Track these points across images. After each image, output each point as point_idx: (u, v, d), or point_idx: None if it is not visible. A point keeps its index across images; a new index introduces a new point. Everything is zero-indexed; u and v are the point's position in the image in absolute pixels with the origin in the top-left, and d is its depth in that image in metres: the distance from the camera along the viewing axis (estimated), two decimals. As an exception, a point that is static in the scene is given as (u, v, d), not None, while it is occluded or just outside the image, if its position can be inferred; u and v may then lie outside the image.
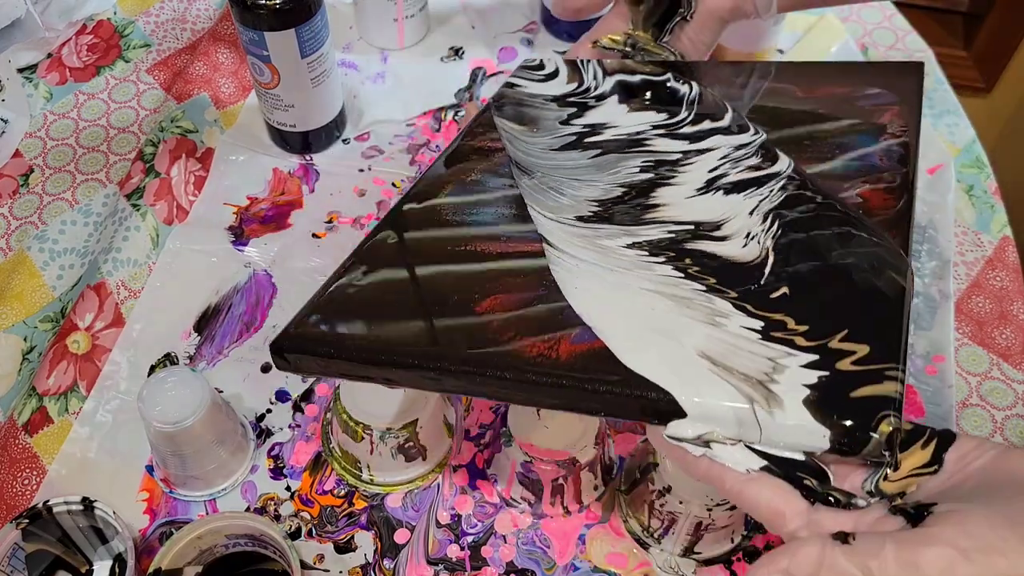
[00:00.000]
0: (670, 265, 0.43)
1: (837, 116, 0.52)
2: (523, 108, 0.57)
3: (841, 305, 0.40)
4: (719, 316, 0.39)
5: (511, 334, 0.39)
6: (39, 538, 0.47)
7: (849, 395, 0.35)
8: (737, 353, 0.37)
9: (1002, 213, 0.65)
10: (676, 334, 0.38)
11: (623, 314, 0.40)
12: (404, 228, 0.48)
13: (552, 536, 0.50)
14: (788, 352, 0.37)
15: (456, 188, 0.50)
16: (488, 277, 0.43)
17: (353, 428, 0.48)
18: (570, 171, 0.50)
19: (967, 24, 1.23)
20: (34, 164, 0.67)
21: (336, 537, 0.50)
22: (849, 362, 0.36)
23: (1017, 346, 0.58)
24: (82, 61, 0.73)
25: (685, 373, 0.36)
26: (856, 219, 0.44)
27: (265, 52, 0.59)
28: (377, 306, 0.42)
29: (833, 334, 0.38)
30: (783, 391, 0.35)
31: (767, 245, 0.44)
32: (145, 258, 0.60)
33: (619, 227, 0.45)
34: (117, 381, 0.55)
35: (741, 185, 0.48)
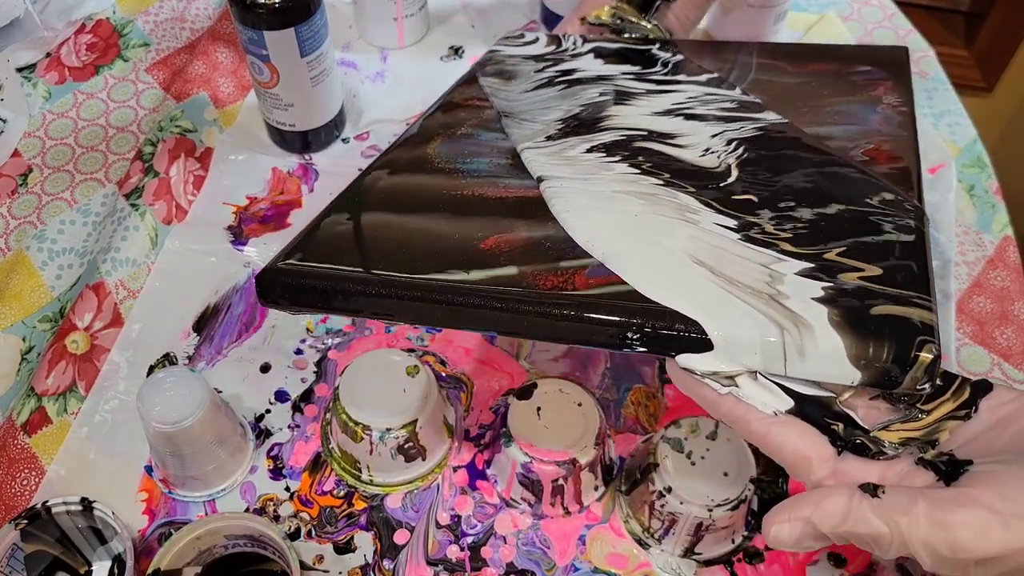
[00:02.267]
0: (626, 163, 0.44)
1: (832, 88, 0.50)
2: (503, 66, 0.58)
3: (831, 227, 0.38)
4: (689, 212, 0.39)
5: (519, 268, 0.36)
6: (38, 539, 0.47)
7: (870, 312, 0.32)
8: (726, 257, 0.36)
9: (1003, 213, 0.65)
10: (660, 238, 0.37)
11: (615, 228, 0.39)
12: (396, 171, 0.46)
13: (552, 537, 0.50)
14: (777, 257, 0.35)
15: (445, 141, 0.49)
16: (489, 215, 0.41)
17: (352, 428, 0.48)
18: (542, 103, 0.53)
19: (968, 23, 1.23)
20: (33, 164, 0.66)
21: (335, 538, 0.50)
22: (857, 277, 0.34)
23: (1018, 346, 0.58)
24: (81, 60, 0.73)
25: (699, 294, 0.34)
26: (860, 169, 0.41)
27: (264, 51, 0.59)
28: (372, 241, 0.40)
29: (826, 244, 0.36)
30: (801, 308, 0.33)
31: (728, 162, 0.42)
32: (144, 258, 0.60)
33: (578, 137, 0.48)
34: (116, 381, 0.55)
35: (706, 117, 0.47)
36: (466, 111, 0.52)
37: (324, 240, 0.40)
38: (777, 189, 0.40)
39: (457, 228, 0.40)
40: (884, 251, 0.36)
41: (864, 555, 0.49)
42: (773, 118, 0.47)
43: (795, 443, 0.31)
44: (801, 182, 0.40)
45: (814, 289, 0.34)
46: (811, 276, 0.34)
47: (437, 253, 0.37)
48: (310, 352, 0.57)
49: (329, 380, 0.56)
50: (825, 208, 0.39)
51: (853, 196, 0.39)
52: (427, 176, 0.45)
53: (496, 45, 0.62)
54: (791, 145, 0.44)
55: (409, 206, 0.43)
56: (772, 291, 0.34)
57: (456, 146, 0.48)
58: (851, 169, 0.41)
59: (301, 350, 0.57)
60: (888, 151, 0.43)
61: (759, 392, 0.33)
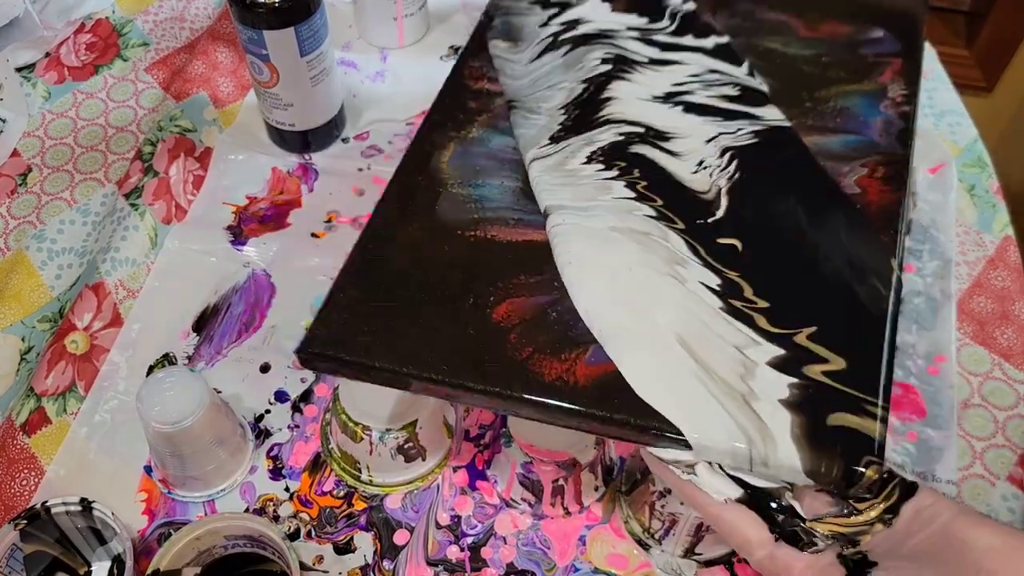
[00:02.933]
0: (622, 181, 0.46)
1: (841, 67, 0.51)
2: (511, 18, 0.58)
3: (808, 291, 0.41)
4: (678, 265, 0.42)
5: (529, 350, 0.39)
6: (37, 539, 0.47)
7: (826, 421, 0.36)
8: (709, 339, 0.39)
9: (1004, 212, 0.64)
10: (651, 311, 0.40)
11: (610, 293, 0.41)
12: (409, 202, 0.46)
13: (552, 537, 0.50)
14: (752, 339, 0.39)
15: (458, 149, 0.49)
16: (499, 271, 0.42)
17: (352, 428, 0.48)
18: (545, 77, 0.53)
19: (969, 23, 1.23)
20: (32, 163, 0.66)
21: (335, 538, 0.50)
22: (820, 371, 0.38)
23: (1019, 346, 0.58)
24: (80, 60, 0.73)
25: (682, 393, 0.38)
26: (846, 202, 0.44)
27: (264, 51, 0.59)
28: (390, 313, 0.41)
29: (799, 326, 0.39)
30: (769, 415, 0.37)
31: (719, 184, 0.45)
32: (144, 258, 0.60)
33: (579, 136, 0.49)
34: (115, 381, 0.55)
35: (705, 109, 0.48)
36: (476, 100, 0.52)
37: (348, 325, 0.41)
38: (763, 230, 0.43)
39: (471, 288, 0.42)
40: (850, 337, 0.39)
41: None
42: (774, 118, 0.48)
43: (742, 528, 0.37)
44: (788, 223, 0.43)
45: (782, 388, 0.38)
46: (781, 367, 0.38)
47: (455, 353, 0.40)
48: (310, 352, 0.57)
49: (329, 380, 0.56)
50: (806, 262, 0.42)
51: (836, 249, 0.42)
52: (442, 212, 0.45)
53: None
54: (788, 162, 0.46)
55: (429, 253, 0.43)
56: (745, 388, 0.38)
57: (469, 161, 0.48)
58: (841, 209, 0.44)
59: (301, 350, 0.57)
60: (882, 177, 0.46)
61: (714, 480, 0.37)
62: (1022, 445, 0.54)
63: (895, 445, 0.53)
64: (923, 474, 0.52)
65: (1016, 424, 0.55)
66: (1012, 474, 0.53)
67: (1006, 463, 0.53)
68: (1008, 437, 0.54)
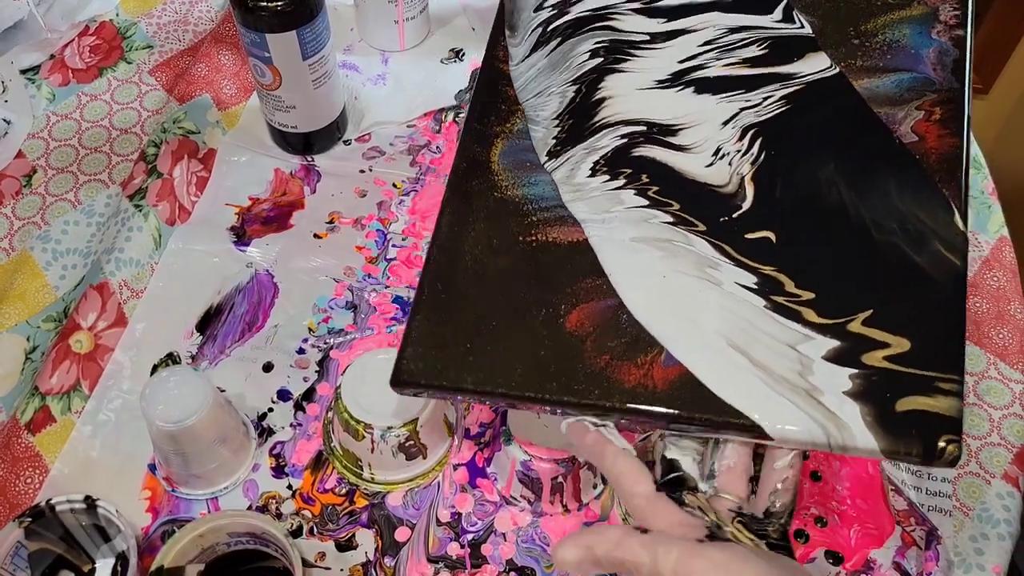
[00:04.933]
0: (631, 189, 0.43)
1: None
2: (514, 4, 0.53)
3: (858, 272, 0.38)
4: (710, 268, 0.39)
5: (607, 358, 0.39)
6: (42, 537, 0.48)
7: (895, 407, 0.35)
8: (759, 339, 0.37)
9: (999, 213, 0.65)
10: (696, 317, 0.39)
11: (656, 300, 0.40)
12: (468, 211, 0.44)
13: (552, 534, 0.50)
14: (804, 335, 0.37)
15: (506, 145, 0.46)
16: (563, 277, 0.41)
17: (354, 427, 0.49)
18: (535, 83, 0.48)
19: (965, 26, 1.23)
20: (37, 165, 0.67)
21: (337, 535, 0.50)
22: (882, 356, 0.36)
23: (1014, 346, 0.58)
24: (84, 62, 0.73)
25: (752, 391, 0.37)
26: (901, 156, 0.39)
27: (267, 54, 0.59)
28: (469, 334, 0.41)
29: (853, 313, 0.37)
30: (837, 407, 0.35)
31: (742, 172, 0.41)
32: (147, 258, 0.61)
33: (579, 146, 0.45)
34: (119, 380, 0.56)
35: (721, 84, 0.43)
36: (512, 86, 0.48)
37: (432, 351, 0.41)
38: (799, 213, 0.39)
39: (541, 300, 0.41)
40: (913, 312, 0.37)
41: (861, 553, 0.50)
42: (814, 69, 0.43)
43: (632, 475, 0.38)
44: (829, 198, 0.39)
45: (843, 380, 0.36)
46: (838, 360, 0.36)
47: (537, 369, 0.39)
48: (312, 351, 0.57)
49: (331, 379, 0.56)
50: (853, 239, 0.38)
51: (888, 215, 0.39)
52: (501, 218, 0.44)
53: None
54: (828, 120, 0.41)
55: (494, 279, 0.42)
56: (807, 385, 0.36)
57: (518, 157, 0.46)
58: (895, 166, 0.40)
59: (303, 349, 0.57)
60: (939, 119, 0.41)
61: (619, 437, 0.38)
62: (1017, 444, 0.54)
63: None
64: (919, 472, 0.53)
65: (1011, 423, 0.55)
66: (1007, 472, 0.53)
67: (1001, 462, 0.54)
68: (1003, 436, 0.55)
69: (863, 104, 0.42)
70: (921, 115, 0.42)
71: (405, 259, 0.62)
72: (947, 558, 0.50)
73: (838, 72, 0.43)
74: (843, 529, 0.50)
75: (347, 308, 0.59)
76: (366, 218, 0.64)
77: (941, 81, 0.43)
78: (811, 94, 0.43)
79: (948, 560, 0.49)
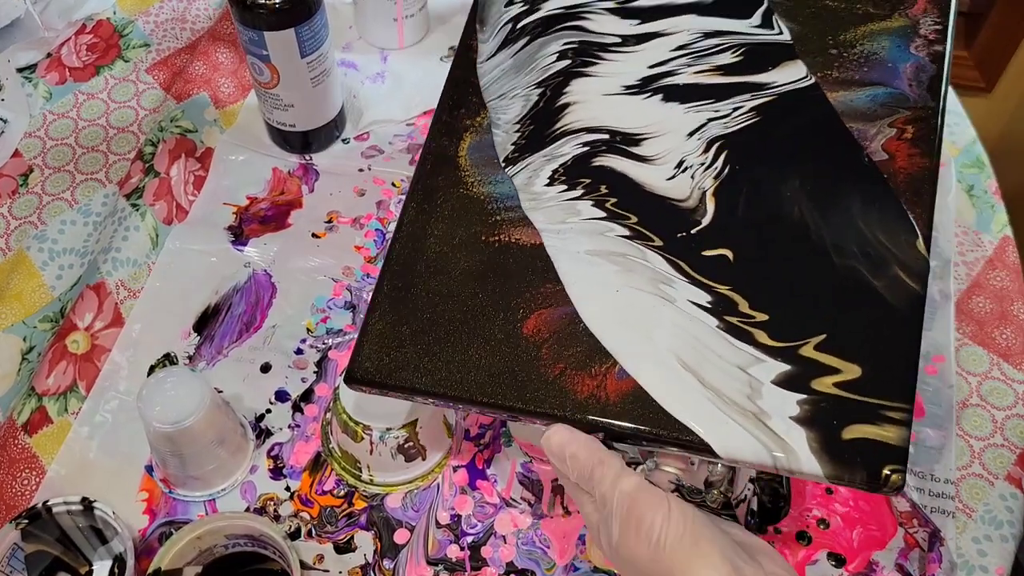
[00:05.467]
0: (589, 200, 0.42)
1: (868, 2, 0.45)
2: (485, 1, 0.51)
3: (814, 295, 0.38)
4: (663, 284, 0.39)
5: (561, 367, 0.39)
6: (38, 538, 0.47)
7: (842, 435, 0.35)
8: (710, 360, 0.37)
9: (1002, 213, 0.65)
10: (649, 332, 0.39)
11: (609, 313, 0.40)
12: (432, 207, 0.44)
13: (552, 536, 0.50)
14: (756, 357, 0.37)
15: (475, 140, 0.46)
16: (523, 281, 0.41)
17: (353, 428, 0.48)
18: (499, 84, 0.47)
19: (968, 24, 1.23)
20: (33, 164, 0.67)
21: (336, 537, 0.50)
22: (832, 383, 0.36)
23: (1017, 346, 0.58)
24: (81, 61, 0.73)
25: (701, 411, 0.37)
26: (869, 175, 0.39)
27: (265, 52, 0.59)
28: (426, 333, 0.40)
29: (805, 337, 0.37)
30: (784, 431, 0.36)
31: (703, 186, 0.40)
32: (144, 258, 0.60)
33: (539, 154, 0.44)
34: (116, 381, 0.55)
35: (690, 92, 0.42)
36: (468, 108, 0.47)
37: (388, 351, 0.41)
38: (759, 232, 0.39)
39: (500, 304, 0.41)
40: (867, 338, 0.37)
41: (864, 554, 0.49)
42: (788, 79, 0.42)
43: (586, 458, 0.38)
44: (790, 218, 0.39)
45: (791, 405, 0.36)
46: (787, 385, 0.37)
47: (492, 374, 0.39)
48: (310, 352, 0.57)
49: (329, 380, 0.56)
50: (812, 261, 0.38)
51: (849, 237, 0.38)
52: (465, 216, 0.43)
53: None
54: (797, 134, 0.41)
55: (456, 278, 0.42)
56: (755, 408, 0.37)
57: (486, 153, 0.46)
58: (862, 185, 0.40)
59: (301, 350, 0.57)
60: (911, 137, 0.41)
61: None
62: (1021, 445, 0.54)
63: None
64: (922, 473, 0.52)
65: (1015, 424, 0.55)
66: (1011, 474, 0.53)
67: (1004, 463, 0.53)
68: (1007, 437, 0.54)
69: (836, 118, 0.42)
70: (893, 133, 0.41)
71: (404, 259, 0.61)
72: (950, 560, 0.49)
73: (813, 83, 0.43)
74: (845, 531, 0.50)
75: (346, 308, 0.59)
76: (365, 217, 0.64)
77: (916, 98, 0.42)
78: (783, 106, 0.42)
79: (951, 562, 0.49)
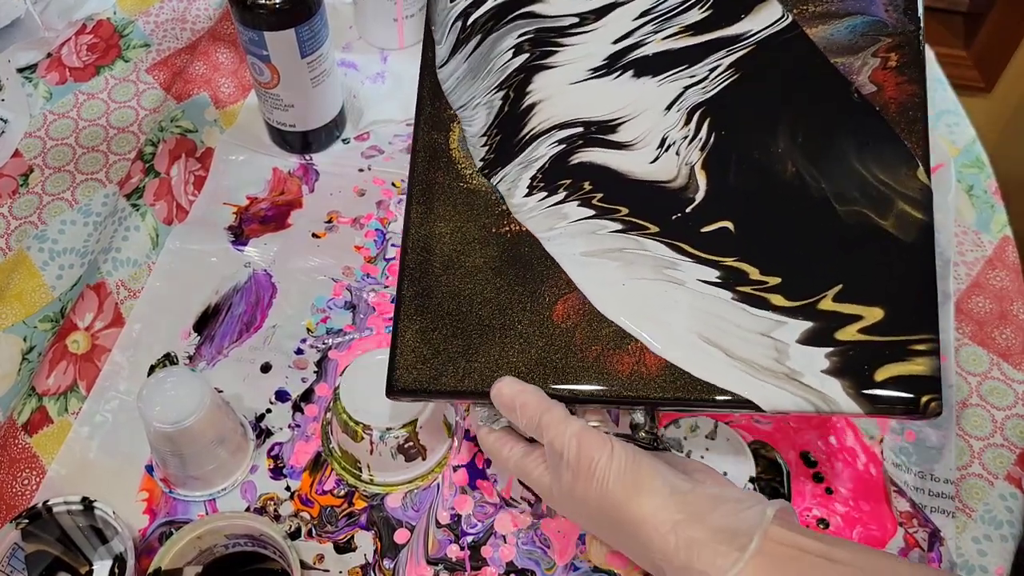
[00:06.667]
0: (575, 201, 0.41)
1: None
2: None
3: (823, 248, 0.38)
4: (668, 269, 0.39)
5: (597, 349, 0.39)
6: (39, 538, 0.47)
7: (875, 378, 0.36)
8: (731, 332, 0.38)
9: (1002, 213, 0.65)
10: (664, 318, 0.39)
11: (620, 305, 0.40)
12: (434, 205, 0.42)
13: (552, 536, 0.50)
14: (776, 321, 0.37)
15: (463, 130, 0.44)
16: (542, 268, 0.41)
17: (353, 428, 0.48)
18: (458, 93, 0.44)
19: (967, 24, 1.23)
20: (34, 164, 0.67)
21: (336, 537, 0.50)
22: (855, 330, 0.36)
23: (1017, 346, 0.58)
24: (82, 61, 0.73)
25: (736, 377, 0.37)
26: (860, 110, 0.38)
27: (265, 52, 0.59)
28: (459, 336, 0.40)
29: (821, 291, 0.37)
30: (820, 384, 0.36)
31: (690, 160, 0.39)
32: (145, 258, 0.60)
33: (512, 164, 0.42)
34: (117, 381, 0.55)
35: (662, 61, 0.40)
36: (446, 108, 0.45)
37: (424, 359, 0.41)
38: (757, 195, 0.39)
39: (524, 294, 0.40)
40: (883, 278, 0.37)
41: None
42: (764, 24, 0.40)
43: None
44: (786, 173, 0.38)
45: (820, 360, 0.37)
46: (812, 341, 0.37)
47: (531, 364, 0.39)
48: (310, 352, 0.57)
49: (330, 380, 0.56)
50: (816, 214, 0.38)
51: (849, 182, 0.38)
52: (469, 209, 0.42)
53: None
54: (783, 80, 0.39)
55: (473, 274, 0.41)
56: (786, 369, 0.37)
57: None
58: (854, 122, 0.39)
59: (302, 350, 0.57)
60: (896, 65, 0.40)
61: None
62: (1020, 444, 0.54)
63: (895, 444, 0.53)
64: (922, 473, 0.52)
65: (1014, 423, 0.55)
66: (1010, 473, 0.53)
67: (1004, 462, 0.53)
68: (1006, 437, 0.54)
69: (819, 55, 0.40)
70: (878, 63, 0.40)
71: (404, 259, 0.62)
72: (950, 560, 0.49)
73: (791, 22, 0.41)
74: (845, 531, 0.50)
75: (346, 308, 0.59)
76: (365, 217, 0.64)
77: (894, 24, 0.41)
78: (762, 55, 0.40)
79: (951, 562, 0.49)
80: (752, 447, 0.51)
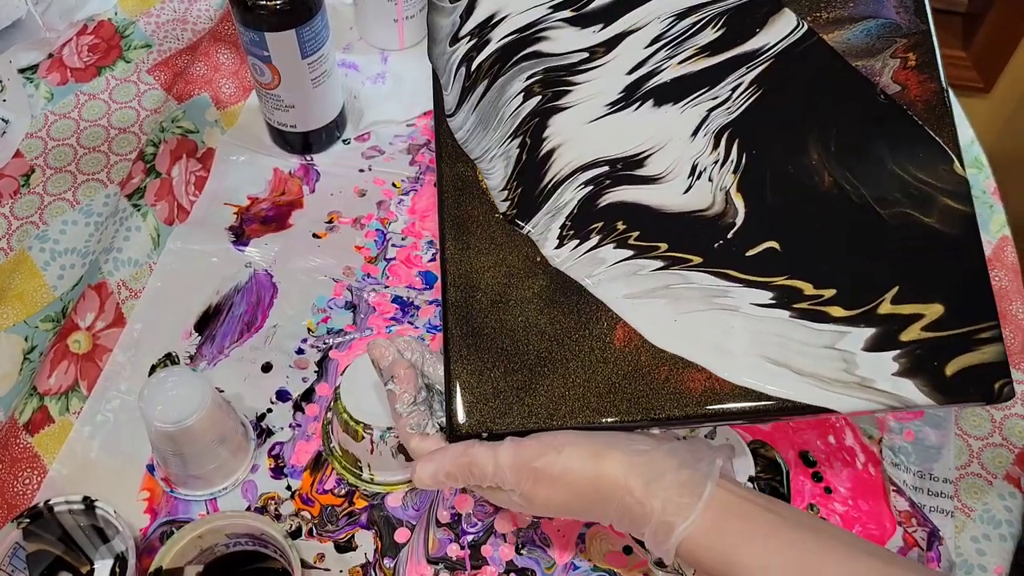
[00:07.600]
0: (610, 244, 0.39)
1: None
2: (432, 16, 0.45)
3: (873, 253, 0.37)
4: (718, 298, 0.38)
5: (665, 369, 0.38)
6: (40, 538, 0.47)
7: (946, 372, 0.36)
8: (795, 350, 0.37)
9: (1001, 213, 0.65)
10: (724, 346, 0.38)
11: (677, 340, 0.39)
12: (472, 241, 0.40)
13: (552, 535, 0.50)
14: (839, 332, 0.37)
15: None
16: (592, 295, 0.39)
17: (354, 427, 0.49)
18: (473, 145, 0.42)
19: (966, 24, 1.23)
20: (35, 164, 0.67)
21: (336, 536, 0.50)
22: (919, 329, 0.37)
23: (1016, 346, 0.58)
24: (83, 61, 0.73)
25: (810, 390, 0.37)
26: (888, 110, 0.38)
27: (266, 53, 0.59)
28: (519, 371, 0.38)
29: (879, 295, 0.37)
30: (892, 387, 0.36)
31: (724, 185, 0.38)
32: (146, 258, 0.60)
33: (539, 214, 0.40)
34: (118, 381, 0.55)
35: (682, 87, 0.39)
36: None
37: (485, 399, 0.39)
38: (798, 211, 0.38)
39: (580, 322, 0.39)
40: (937, 274, 0.37)
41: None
42: (780, 35, 0.40)
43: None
44: (821, 179, 0.38)
45: (889, 364, 0.37)
46: (878, 347, 0.37)
47: (600, 393, 0.38)
48: (311, 352, 0.57)
49: (330, 379, 0.56)
50: (860, 221, 0.38)
51: (888, 185, 0.38)
52: (509, 243, 0.40)
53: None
54: (806, 90, 0.39)
55: (524, 307, 0.39)
56: (857, 378, 0.37)
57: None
58: (884, 123, 0.39)
59: (302, 350, 0.57)
60: (916, 64, 0.40)
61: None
62: (1019, 444, 0.54)
63: (894, 444, 0.53)
64: (921, 473, 0.52)
65: (1013, 423, 0.55)
66: (1009, 473, 0.53)
67: (1003, 462, 0.53)
68: (1005, 436, 0.55)
69: (839, 60, 0.40)
70: (898, 63, 0.40)
71: (404, 259, 0.62)
72: (949, 559, 0.49)
73: (807, 30, 0.40)
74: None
75: (346, 308, 0.59)
76: (365, 217, 0.64)
77: (907, 24, 0.41)
78: (783, 68, 0.39)
79: (950, 561, 0.49)
80: (751, 446, 0.51)
